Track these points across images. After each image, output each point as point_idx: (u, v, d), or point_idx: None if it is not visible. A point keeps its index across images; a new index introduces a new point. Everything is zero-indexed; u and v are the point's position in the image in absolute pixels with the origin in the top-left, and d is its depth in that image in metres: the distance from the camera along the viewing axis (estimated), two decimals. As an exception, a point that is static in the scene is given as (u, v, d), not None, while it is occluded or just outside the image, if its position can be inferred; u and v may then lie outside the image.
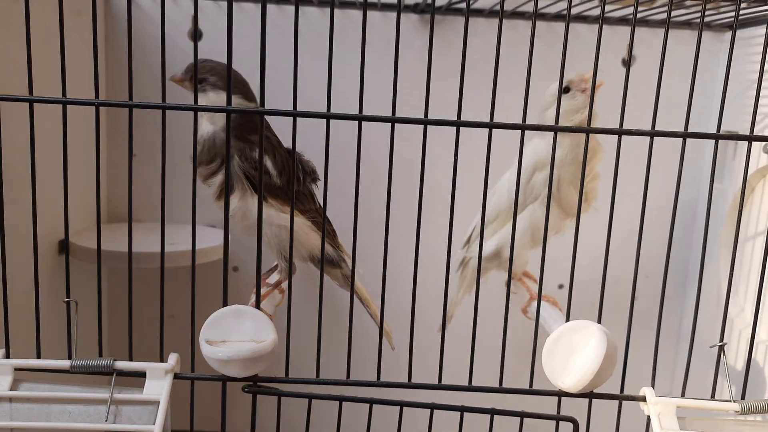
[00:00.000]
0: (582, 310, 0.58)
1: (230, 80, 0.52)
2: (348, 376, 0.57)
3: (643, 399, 0.55)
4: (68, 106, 0.52)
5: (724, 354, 0.56)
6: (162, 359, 0.55)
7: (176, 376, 0.55)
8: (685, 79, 0.54)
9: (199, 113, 0.56)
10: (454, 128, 0.53)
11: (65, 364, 0.53)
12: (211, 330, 0.54)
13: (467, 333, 0.57)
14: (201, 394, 0.63)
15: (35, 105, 0.52)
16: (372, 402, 0.56)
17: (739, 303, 0.78)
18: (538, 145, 0.68)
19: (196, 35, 0.55)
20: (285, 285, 0.67)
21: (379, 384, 0.57)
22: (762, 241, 0.75)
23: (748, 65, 0.79)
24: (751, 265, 0.76)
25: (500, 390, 0.57)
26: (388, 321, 0.67)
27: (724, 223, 0.81)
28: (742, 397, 0.57)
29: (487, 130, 0.54)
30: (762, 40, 0.54)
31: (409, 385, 0.57)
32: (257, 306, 0.56)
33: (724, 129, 0.56)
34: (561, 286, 0.91)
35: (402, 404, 0.56)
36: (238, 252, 0.86)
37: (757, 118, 0.75)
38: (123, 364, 0.54)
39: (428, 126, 0.54)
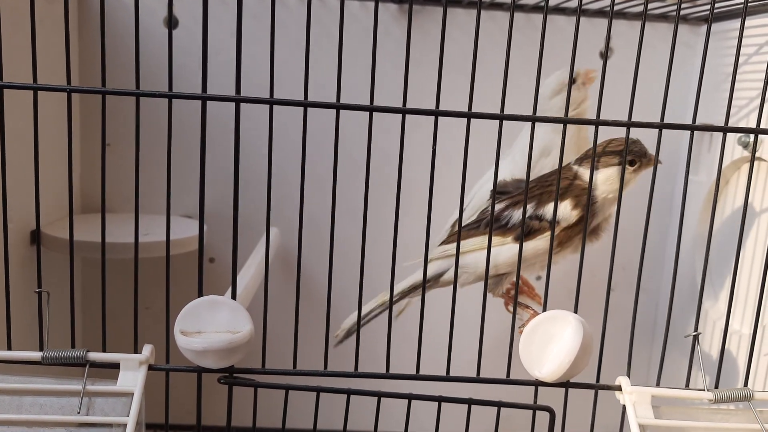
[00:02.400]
0: (560, 302, 0.59)
1: (205, 67, 0.52)
2: (325, 366, 0.57)
3: (619, 388, 0.56)
4: (40, 94, 0.51)
5: (698, 344, 0.57)
6: (136, 351, 0.54)
7: (151, 368, 0.54)
8: (662, 72, 0.54)
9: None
10: (433, 118, 0.53)
11: (37, 355, 0.52)
12: (186, 321, 0.53)
13: (445, 324, 0.57)
14: (177, 386, 0.62)
15: (5, 91, 0.51)
16: (349, 393, 0.56)
17: (713, 294, 0.79)
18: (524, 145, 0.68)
19: (170, 23, 0.54)
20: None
21: (356, 375, 0.56)
22: (736, 232, 0.75)
23: (724, 58, 0.80)
24: (725, 257, 0.77)
25: (478, 380, 0.57)
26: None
27: (699, 214, 0.81)
28: (716, 386, 0.58)
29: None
30: (737, 33, 0.54)
31: (387, 376, 0.57)
32: (233, 296, 0.55)
33: (700, 121, 0.56)
34: (539, 278, 0.91)
35: (380, 395, 0.56)
36: (214, 243, 0.86)
37: (733, 110, 0.76)
38: (96, 356, 0.53)
39: (407, 116, 0.53)
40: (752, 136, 0.70)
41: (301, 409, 0.65)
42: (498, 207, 0.67)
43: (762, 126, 0.56)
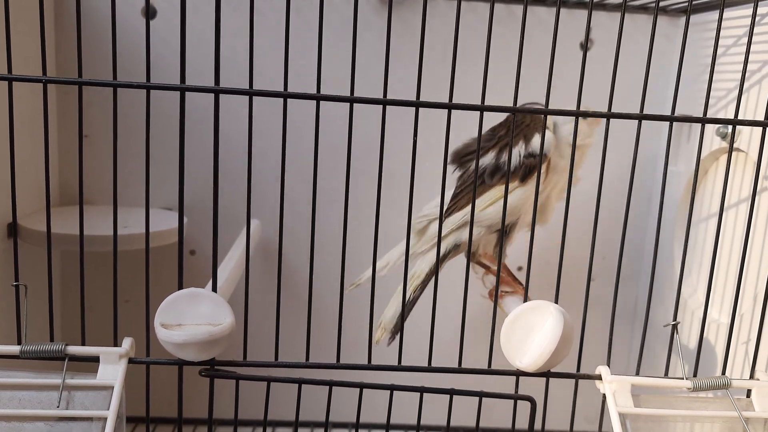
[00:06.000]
0: (541, 292, 0.59)
1: (184, 56, 0.51)
2: (307, 358, 0.57)
3: (599, 378, 0.56)
4: (16, 85, 0.50)
5: (677, 333, 0.58)
6: (116, 344, 0.54)
7: (131, 361, 0.54)
8: (642, 63, 0.54)
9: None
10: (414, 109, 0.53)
11: (15, 349, 0.52)
12: (167, 313, 0.53)
13: (427, 315, 0.57)
14: (158, 380, 0.62)
15: (-21, 82, 0.50)
16: (331, 384, 0.56)
17: (692, 284, 0.80)
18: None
19: (148, 13, 0.53)
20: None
21: (338, 366, 0.56)
22: (715, 222, 0.76)
23: (703, 50, 0.80)
24: (704, 247, 0.78)
25: (459, 371, 0.57)
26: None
27: (678, 205, 0.82)
28: (695, 375, 0.58)
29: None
30: (716, 24, 0.55)
31: (369, 367, 0.57)
32: (213, 288, 0.55)
33: (679, 112, 0.57)
34: (520, 268, 0.91)
35: (362, 386, 0.56)
36: (195, 235, 0.85)
37: (712, 101, 0.77)
38: (75, 349, 0.53)
39: (388, 107, 0.53)
40: (730, 127, 0.71)
41: (283, 402, 0.65)
42: (488, 159, 0.68)
43: (740, 117, 0.57)
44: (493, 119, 0.68)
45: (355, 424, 0.57)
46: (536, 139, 0.66)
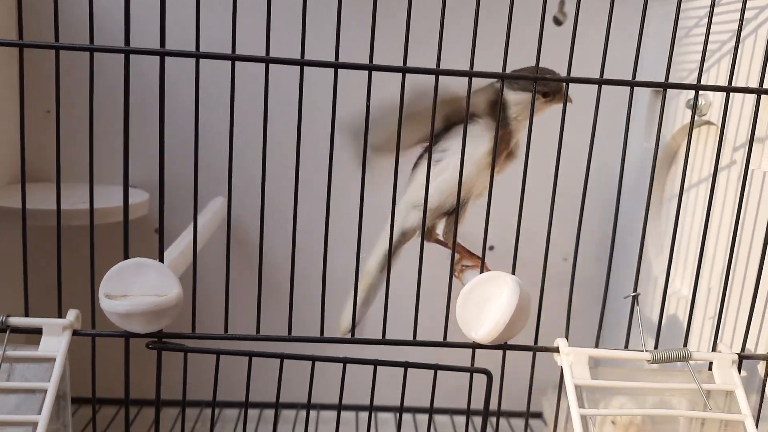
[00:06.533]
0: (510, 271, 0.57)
1: (164, 21, 0.50)
2: (258, 331, 0.55)
3: (557, 350, 0.55)
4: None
5: (637, 304, 0.56)
6: (60, 316, 0.53)
7: (75, 333, 0.53)
8: (616, 35, 0.53)
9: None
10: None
11: (-47, 320, 0.51)
12: (111, 284, 0.51)
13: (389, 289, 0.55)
14: (106, 359, 0.60)
15: None
16: (283, 357, 0.54)
17: (663, 261, 0.78)
18: None
19: None
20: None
21: (289, 339, 0.55)
22: (688, 197, 0.75)
23: (681, 21, 0.78)
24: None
25: (414, 343, 0.56)
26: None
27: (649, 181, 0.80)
28: (656, 348, 0.57)
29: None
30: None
31: (322, 340, 0.55)
32: (160, 258, 0.54)
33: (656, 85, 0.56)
34: (491, 248, 0.90)
35: (314, 359, 0.55)
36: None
37: (683, 73, 0.76)
38: (17, 320, 0.51)
39: (339, 70, 0.52)
40: (701, 100, 0.69)
41: (233, 375, 0.63)
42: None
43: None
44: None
45: (307, 403, 0.55)
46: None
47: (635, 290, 0.56)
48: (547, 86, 0.60)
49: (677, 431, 0.55)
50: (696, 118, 0.70)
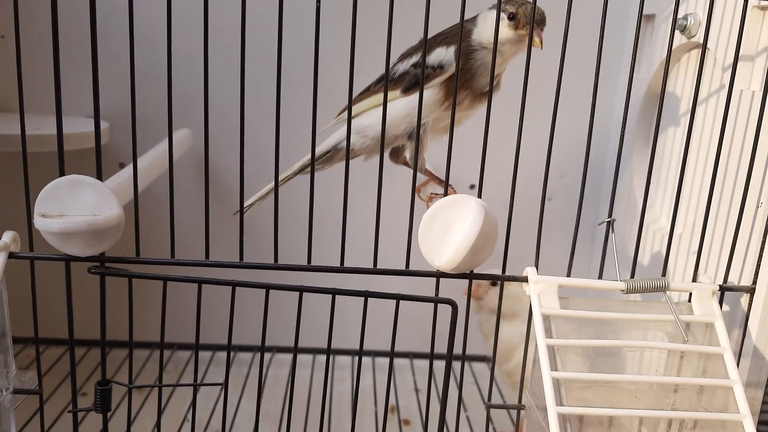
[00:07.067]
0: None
1: None
2: (207, 256, 0.52)
3: (525, 279, 0.52)
4: None
5: (612, 231, 0.53)
6: (-5, 238, 0.50)
7: (12, 256, 0.50)
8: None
9: None
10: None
11: None
12: (47, 203, 0.48)
13: (339, 213, 0.52)
14: (48, 280, 0.57)
15: None
16: (234, 285, 0.51)
17: (650, 199, 0.75)
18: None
19: None
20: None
21: (240, 265, 0.52)
22: (677, 129, 0.71)
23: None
24: (670, 158, 0.73)
25: (374, 271, 0.53)
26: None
27: (638, 114, 0.76)
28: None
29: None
30: None
31: (276, 267, 0.52)
32: (98, 176, 0.50)
33: (646, 14, 0.52)
34: (472, 186, 0.87)
35: (268, 287, 0.51)
36: (124, 146, 0.80)
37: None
38: (-53, 242, 0.48)
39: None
40: (690, 19, 0.65)
41: (182, 303, 0.60)
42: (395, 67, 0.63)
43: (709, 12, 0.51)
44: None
45: (263, 330, 0.52)
46: (437, 52, 0.60)
47: (609, 215, 0.53)
48: (513, 5, 0.56)
49: (655, 366, 0.52)
50: (685, 40, 0.66)
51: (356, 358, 0.92)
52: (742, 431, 0.47)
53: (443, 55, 0.59)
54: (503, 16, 0.56)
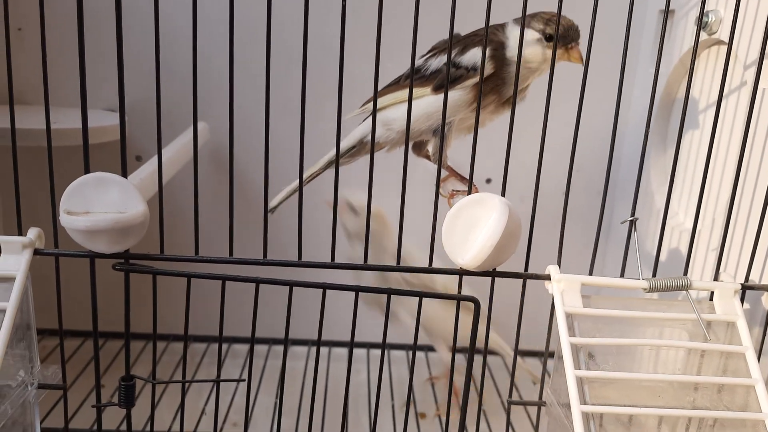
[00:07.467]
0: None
1: None
2: (231, 254, 0.52)
3: (548, 278, 0.52)
4: None
5: (635, 230, 0.53)
6: (21, 234, 0.50)
7: (37, 252, 0.50)
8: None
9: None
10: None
11: None
12: (73, 201, 0.48)
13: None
14: (73, 276, 0.57)
15: None
16: (258, 282, 0.51)
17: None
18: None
19: None
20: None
21: (266, 263, 0.52)
22: (699, 124, 0.71)
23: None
24: (688, 154, 0.73)
25: (398, 269, 0.53)
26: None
27: (657, 109, 0.76)
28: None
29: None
30: None
31: (299, 264, 0.52)
32: (123, 174, 0.50)
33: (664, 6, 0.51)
34: (489, 181, 0.87)
35: (292, 284, 0.51)
36: (141, 139, 0.80)
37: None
38: (-26, 239, 0.48)
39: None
40: (711, 16, 0.65)
41: (206, 299, 0.61)
42: (420, 61, 0.62)
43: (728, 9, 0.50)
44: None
45: (285, 337, 0.52)
46: (472, 53, 0.59)
47: (632, 214, 0.53)
48: (549, 26, 0.56)
49: (676, 364, 0.52)
50: (706, 36, 0.66)
51: (371, 351, 0.93)
52: (764, 429, 0.47)
53: (479, 57, 0.59)
54: (540, 36, 0.57)
